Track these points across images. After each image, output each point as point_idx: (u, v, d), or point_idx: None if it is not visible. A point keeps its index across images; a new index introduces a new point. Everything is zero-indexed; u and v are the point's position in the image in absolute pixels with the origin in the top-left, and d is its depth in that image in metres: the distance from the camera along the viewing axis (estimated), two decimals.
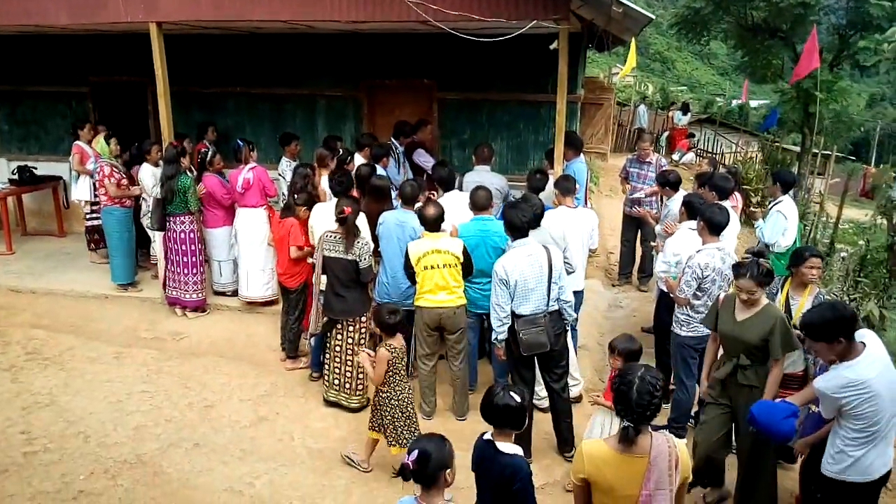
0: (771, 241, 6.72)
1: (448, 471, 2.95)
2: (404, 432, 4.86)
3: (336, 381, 5.86)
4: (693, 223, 5.69)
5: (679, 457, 2.96)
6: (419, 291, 5.65)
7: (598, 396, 4.80)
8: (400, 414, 4.87)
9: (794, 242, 6.84)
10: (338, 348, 5.79)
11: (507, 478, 3.24)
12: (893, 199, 10.77)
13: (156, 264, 8.34)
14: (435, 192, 6.98)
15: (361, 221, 6.01)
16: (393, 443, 4.91)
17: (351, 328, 5.74)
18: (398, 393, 4.87)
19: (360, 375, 5.82)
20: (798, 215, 7.15)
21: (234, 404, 5.95)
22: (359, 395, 5.86)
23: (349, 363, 5.79)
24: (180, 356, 6.74)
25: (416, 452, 2.92)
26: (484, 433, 3.36)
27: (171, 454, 5.25)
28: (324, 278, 5.80)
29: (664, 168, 8.04)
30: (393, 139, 8.32)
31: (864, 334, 3.58)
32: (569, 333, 5.64)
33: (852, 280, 10.12)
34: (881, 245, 10.82)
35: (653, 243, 7.06)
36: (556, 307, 5.13)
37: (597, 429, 4.68)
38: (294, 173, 7.00)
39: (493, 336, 5.21)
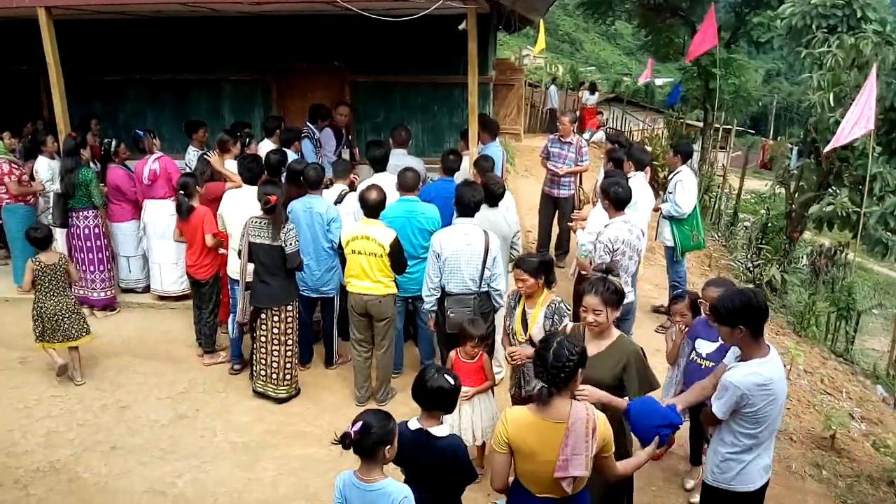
0: (688, 209, 7.06)
1: (388, 447, 2.97)
2: (47, 334, 5.85)
3: (263, 372, 5.74)
4: None
5: (597, 424, 3.05)
6: (346, 275, 5.61)
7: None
8: (37, 316, 5.82)
9: (695, 209, 7.22)
10: (263, 338, 5.67)
11: (448, 459, 3.28)
12: (790, 170, 11.36)
13: None
14: (357, 177, 6.88)
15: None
16: (39, 340, 5.90)
17: (276, 317, 5.62)
18: (40, 300, 5.81)
19: (288, 365, 5.72)
20: (698, 185, 7.53)
21: (152, 403, 5.75)
22: (286, 384, 5.76)
23: (275, 353, 5.68)
24: (91, 357, 6.43)
25: (359, 424, 2.93)
26: (406, 422, 3.33)
27: (86, 459, 5.03)
28: (250, 266, 5.64)
29: (609, 146, 8.20)
30: (309, 123, 8.16)
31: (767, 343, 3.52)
32: (497, 319, 5.71)
33: (755, 247, 10.64)
34: (780, 213, 11.43)
35: (570, 223, 7.23)
36: (487, 290, 5.24)
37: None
38: (198, 161, 6.80)
39: (423, 306, 5.40)
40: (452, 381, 3.31)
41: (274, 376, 5.73)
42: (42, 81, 8.89)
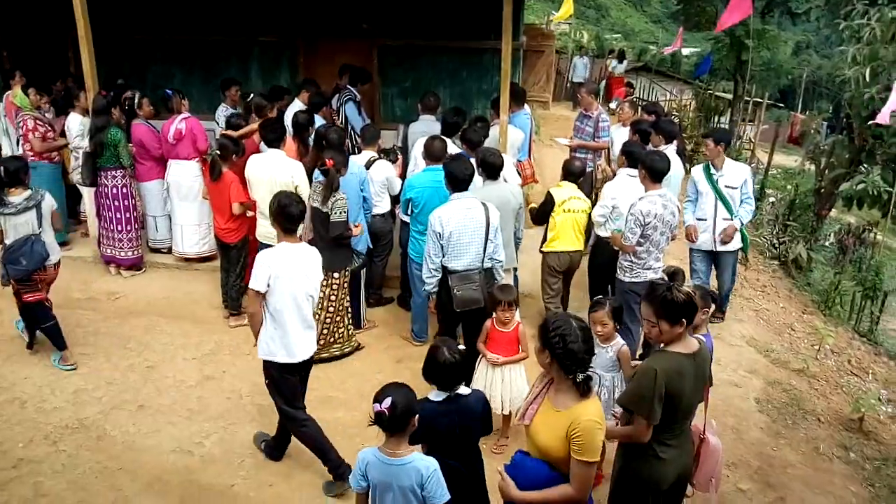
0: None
1: (414, 416, 3.00)
2: None
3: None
4: (632, 170, 5.83)
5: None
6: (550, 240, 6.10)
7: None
8: None
9: None
10: None
11: (478, 412, 3.47)
12: (821, 145, 11.13)
13: (84, 222, 7.97)
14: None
15: (300, 172, 5.88)
16: None
17: (324, 282, 5.61)
18: None
19: (335, 329, 5.79)
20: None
21: (178, 364, 5.80)
22: (340, 344, 5.85)
23: (326, 318, 5.73)
24: (118, 316, 6.50)
25: (388, 400, 2.94)
26: (426, 398, 3.39)
27: (114, 417, 5.09)
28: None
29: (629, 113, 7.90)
30: (349, 86, 8.07)
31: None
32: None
33: (782, 223, 10.47)
34: (809, 189, 11.23)
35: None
36: (490, 264, 5.15)
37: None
38: (227, 122, 6.78)
39: (423, 288, 5.28)
40: (459, 353, 3.37)
41: (320, 341, 5.71)
42: (70, 39, 8.87)
